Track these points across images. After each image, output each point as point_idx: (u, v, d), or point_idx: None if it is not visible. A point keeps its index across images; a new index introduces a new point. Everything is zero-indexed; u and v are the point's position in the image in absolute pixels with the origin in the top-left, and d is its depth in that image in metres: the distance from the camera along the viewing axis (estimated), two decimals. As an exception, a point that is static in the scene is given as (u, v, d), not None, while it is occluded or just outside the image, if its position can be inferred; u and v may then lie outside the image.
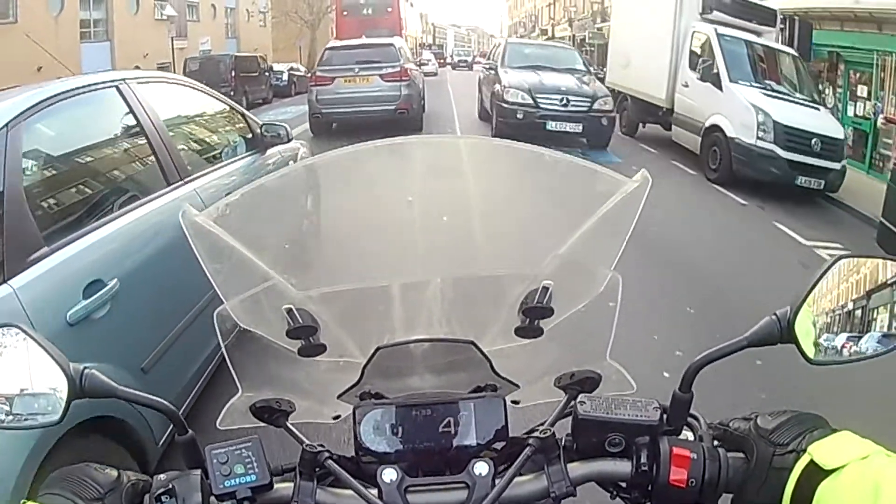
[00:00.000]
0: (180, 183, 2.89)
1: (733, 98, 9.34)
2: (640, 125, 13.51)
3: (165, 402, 0.77)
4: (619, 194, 0.87)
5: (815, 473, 0.66)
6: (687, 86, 10.75)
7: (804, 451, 0.69)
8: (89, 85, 2.59)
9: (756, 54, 10.30)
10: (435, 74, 32.32)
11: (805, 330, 0.75)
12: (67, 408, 0.73)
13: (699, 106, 10.20)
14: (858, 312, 0.76)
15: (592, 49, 31.41)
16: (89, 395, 0.74)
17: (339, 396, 0.89)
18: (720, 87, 9.69)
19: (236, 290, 0.86)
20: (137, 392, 0.76)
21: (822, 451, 0.67)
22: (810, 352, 0.75)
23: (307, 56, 32.63)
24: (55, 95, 2.31)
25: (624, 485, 0.79)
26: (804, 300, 0.74)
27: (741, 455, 0.76)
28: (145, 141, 2.80)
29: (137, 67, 21.41)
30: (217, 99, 3.96)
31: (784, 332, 0.75)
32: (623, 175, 0.89)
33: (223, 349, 0.85)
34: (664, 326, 4.35)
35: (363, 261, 1.01)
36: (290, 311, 0.87)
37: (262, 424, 0.87)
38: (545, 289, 0.87)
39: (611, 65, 15.22)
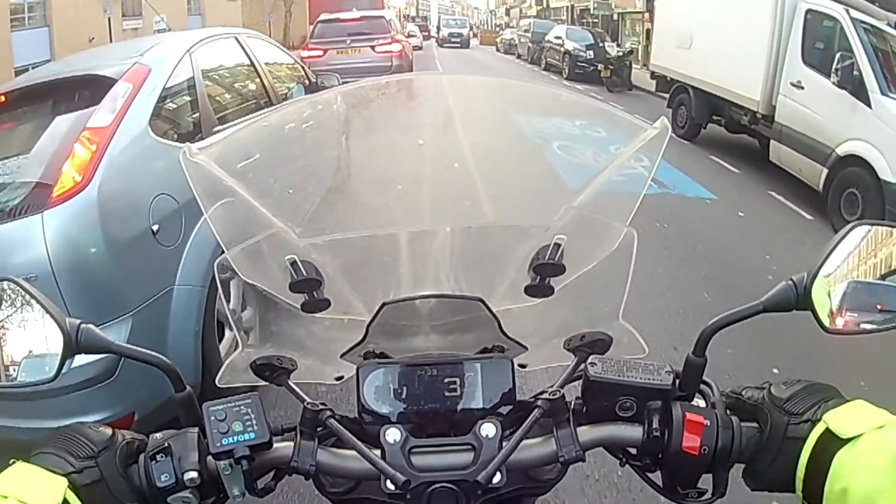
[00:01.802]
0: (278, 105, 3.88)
1: (892, 120, 5.96)
2: (702, 126, 10.28)
3: (162, 358, 0.76)
4: (637, 141, 0.84)
5: (831, 442, 0.66)
6: (801, 87, 7.35)
7: (819, 420, 0.69)
8: (220, 34, 4.10)
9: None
10: (420, 48, 30.25)
11: (821, 297, 0.75)
12: (62, 364, 0.73)
13: (825, 122, 6.80)
14: (875, 283, 0.77)
15: (596, 21, 28.69)
16: (85, 350, 0.74)
17: (342, 356, 0.87)
18: (866, 101, 6.25)
19: (238, 237, 0.84)
20: (133, 347, 0.77)
21: (838, 419, 0.67)
22: (826, 320, 0.76)
23: (282, 33, 30.23)
24: (204, 38, 3.75)
25: (634, 451, 0.79)
26: (821, 266, 0.74)
27: (754, 424, 0.76)
28: (256, 73, 4.25)
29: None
30: (287, 53, 5.52)
31: (801, 299, 0.75)
32: (645, 122, 0.86)
33: (223, 302, 0.86)
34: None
35: (370, 207, 0.99)
36: (293, 262, 0.84)
37: (263, 383, 0.86)
38: (557, 245, 0.84)
39: (659, 44, 11.92)
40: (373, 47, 12.56)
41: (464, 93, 1.01)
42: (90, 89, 2.78)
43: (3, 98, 2.99)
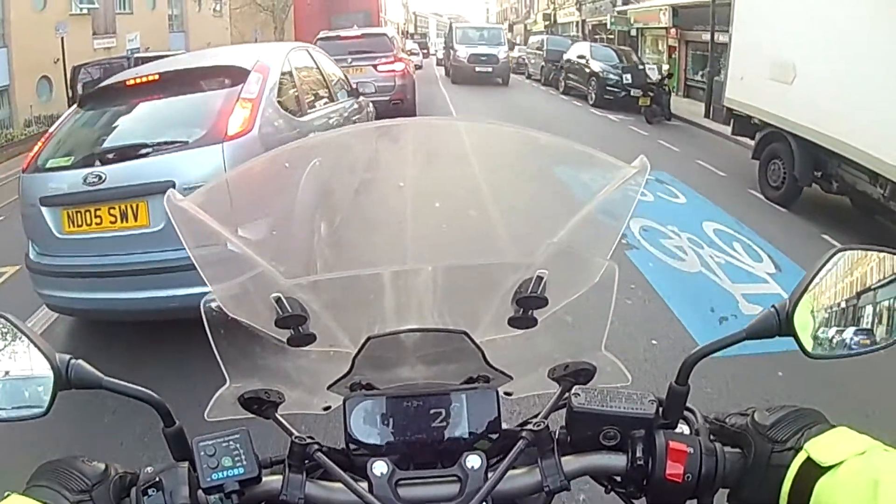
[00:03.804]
0: (333, 102, 6.20)
1: None
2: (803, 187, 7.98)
3: (151, 393, 0.80)
4: (616, 180, 0.87)
5: (813, 470, 0.69)
6: None
7: (801, 448, 0.72)
8: (298, 46, 6.18)
9: None
10: (420, 67, 29.00)
11: (804, 323, 0.78)
12: (53, 399, 0.76)
13: None
14: (858, 306, 0.79)
15: (612, 37, 28.02)
16: (76, 385, 0.77)
17: (329, 387, 0.92)
18: None
19: (223, 277, 0.88)
20: (123, 383, 0.80)
21: (818, 447, 0.71)
22: (809, 345, 0.79)
23: (270, 51, 28.79)
24: (292, 48, 5.65)
25: (619, 479, 0.83)
26: (803, 292, 0.78)
27: (738, 450, 0.79)
28: (321, 74, 6.21)
29: (45, 77, 17.74)
30: (335, 63, 7.31)
31: (783, 325, 0.78)
32: (621, 161, 0.88)
33: (210, 338, 0.87)
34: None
35: (354, 248, 1.04)
36: (278, 299, 0.87)
37: (251, 416, 0.90)
38: (539, 278, 0.88)
39: (739, 74, 9.34)
40: (375, 66, 12.54)
41: (443, 136, 1.04)
42: (231, 75, 4.43)
43: (157, 76, 4.54)
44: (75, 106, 4.80)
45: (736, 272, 5.74)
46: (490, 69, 23.11)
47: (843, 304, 0.79)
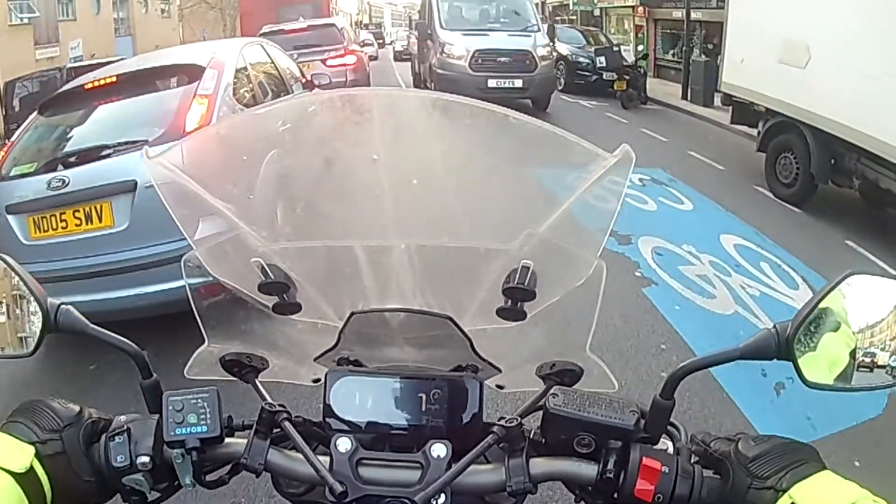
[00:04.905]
0: (289, 95, 6.03)
1: None
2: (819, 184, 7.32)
3: (133, 345, 0.83)
4: (599, 170, 0.85)
5: None
6: None
7: (783, 490, 0.69)
8: (252, 41, 6.48)
9: None
10: (376, 58, 29.30)
11: (804, 348, 0.75)
12: (41, 341, 0.80)
13: None
14: (865, 338, 0.75)
15: (574, 17, 28.31)
16: (62, 330, 0.80)
17: (315, 359, 0.94)
18: None
19: (205, 236, 0.90)
20: (107, 332, 0.83)
21: (804, 494, 0.67)
22: (808, 373, 0.75)
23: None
24: (245, 43, 5.97)
25: (589, 489, 0.81)
26: (807, 316, 0.74)
27: (718, 478, 0.76)
28: (276, 69, 6.39)
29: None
30: (290, 58, 7.67)
31: (782, 349, 0.75)
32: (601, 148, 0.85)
33: (189, 295, 0.89)
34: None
35: (327, 219, 1.01)
36: (260, 264, 0.88)
37: (232, 378, 0.92)
38: (525, 269, 0.86)
39: (738, 56, 8.70)
40: (324, 61, 11.82)
41: (409, 109, 1.01)
42: (187, 73, 4.61)
43: (115, 78, 4.69)
44: (36, 113, 4.91)
45: (774, 307, 4.95)
46: (517, 82, 12.89)
47: (848, 334, 0.76)
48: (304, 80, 7.30)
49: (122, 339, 0.83)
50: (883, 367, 0.75)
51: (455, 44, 13.13)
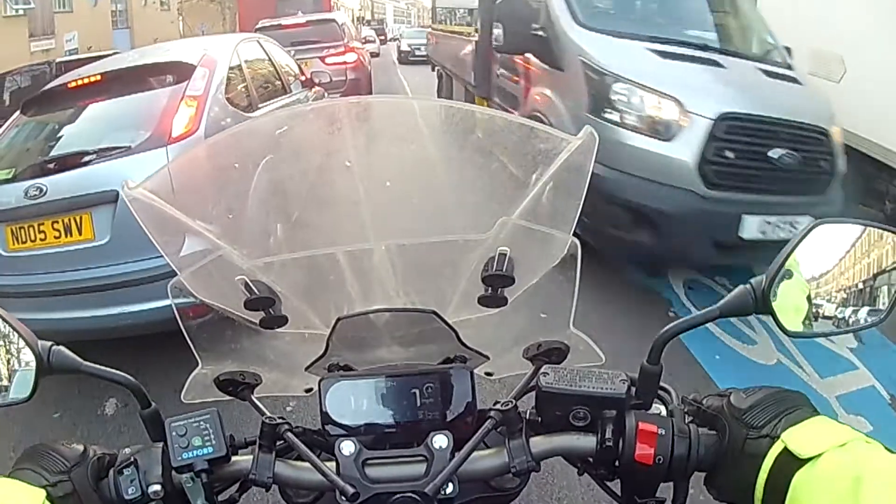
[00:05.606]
0: (287, 94, 6.09)
1: None
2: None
3: (129, 377, 0.84)
4: (564, 152, 0.87)
5: (790, 462, 0.67)
6: None
7: (778, 436, 0.70)
8: (248, 37, 6.10)
9: None
10: (377, 55, 29.08)
11: (782, 299, 0.77)
12: (37, 385, 0.80)
13: None
14: (839, 282, 0.77)
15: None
16: (57, 371, 0.81)
17: (306, 368, 0.95)
18: None
19: (189, 260, 0.90)
20: (101, 367, 0.83)
21: (796, 438, 0.69)
22: (787, 323, 0.78)
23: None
24: (241, 40, 5.61)
25: (591, 460, 0.83)
26: (780, 268, 0.76)
27: (714, 433, 0.78)
28: (273, 67, 6.11)
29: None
30: (288, 54, 7.30)
31: (759, 302, 0.77)
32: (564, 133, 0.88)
33: (179, 322, 0.91)
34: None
35: (307, 229, 1.03)
36: (245, 282, 0.89)
37: (228, 398, 0.94)
38: (503, 255, 0.88)
39: None
40: (322, 59, 11.36)
41: (382, 113, 1.06)
42: (176, 72, 4.31)
43: (100, 77, 4.43)
44: (18, 113, 4.64)
45: (817, 355, 4.13)
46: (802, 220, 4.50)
47: (822, 280, 0.79)
48: (303, 78, 7.03)
49: (117, 372, 0.84)
50: (859, 309, 0.79)
51: (650, 77, 4.53)
